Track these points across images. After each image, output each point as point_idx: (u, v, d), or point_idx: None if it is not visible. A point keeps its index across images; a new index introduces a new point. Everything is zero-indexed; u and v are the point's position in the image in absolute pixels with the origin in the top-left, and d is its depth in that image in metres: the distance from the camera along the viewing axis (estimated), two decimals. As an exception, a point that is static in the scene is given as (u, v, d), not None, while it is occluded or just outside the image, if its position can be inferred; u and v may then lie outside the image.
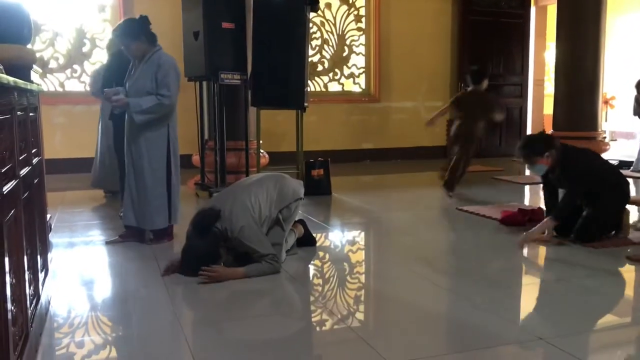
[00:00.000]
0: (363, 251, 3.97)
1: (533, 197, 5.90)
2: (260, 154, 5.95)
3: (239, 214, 3.07)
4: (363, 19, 8.56)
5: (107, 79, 4.36)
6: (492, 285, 3.02)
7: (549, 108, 10.42)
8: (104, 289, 3.06)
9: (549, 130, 7.93)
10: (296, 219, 3.54)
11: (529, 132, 10.02)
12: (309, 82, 7.76)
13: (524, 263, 3.65)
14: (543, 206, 4.13)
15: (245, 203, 3.14)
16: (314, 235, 3.78)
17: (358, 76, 8.65)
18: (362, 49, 8.61)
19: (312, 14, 6.90)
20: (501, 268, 3.36)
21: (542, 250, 3.94)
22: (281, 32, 5.26)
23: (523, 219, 4.19)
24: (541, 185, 4.05)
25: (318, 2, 5.50)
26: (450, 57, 8.79)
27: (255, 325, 2.49)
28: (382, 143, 8.58)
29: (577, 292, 2.92)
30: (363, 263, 3.66)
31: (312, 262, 3.50)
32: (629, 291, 3.10)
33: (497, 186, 6.28)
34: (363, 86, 8.66)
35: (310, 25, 8.04)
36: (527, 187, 6.31)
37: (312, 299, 2.92)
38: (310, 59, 8.03)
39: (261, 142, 6.18)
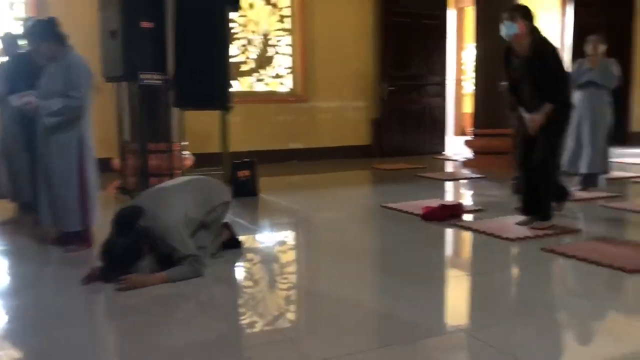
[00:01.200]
0: (291, 251, 3.97)
1: (454, 192, 6.09)
2: (185, 156, 5.84)
3: (164, 213, 3.00)
4: (287, 20, 8.56)
5: (13, 81, 4.17)
6: (416, 280, 3.09)
7: (468, 107, 10.82)
8: (15, 298, 2.91)
9: (469, 128, 8.23)
10: (222, 222, 3.51)
11: (449, 131, 10.36)
12: (234, 82, 7.69)
13: (446, 257, 3.76)
14: (463, 202, 4.27)
15: (170, 203, 3.08)
16: (241, 237, 3.75)
17: (284, 76, 8.65)
18: (287, 49, 8.61)
19: (235, 14, 6.84)
20: (424, 262, 3.44)
21: (466, 243, 4.09)
22: (202, 31, 5.17)
23: (444, 214, 4.32)
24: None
25: (238, 2, 5.46)
26: (374, 57, 8.94)
27: (180, 330, 2.44)
28: (309, 143, 8.62)
29: (498, 284, 3.04)
30: (291, 263, 3.66)
31: (239, 264, 3.46)
32: (548, 282, 3.26)
33: (420, 183, 6.43)
34: (289, 86, 8.67)
35: (234, 24, 8.00)
36: (448, 183, 6.51)
37: (240, 301, 2.90)
38: (234, 59, 7.96)
39: (187, 143, 6.06)
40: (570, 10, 9.99)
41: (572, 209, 4.83)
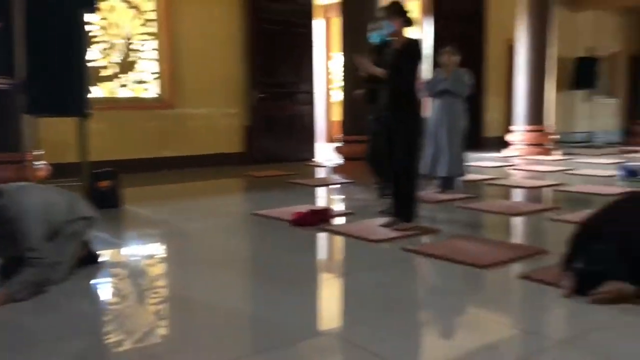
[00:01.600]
0: (161, 263, 3.81)
1: (325, 197, 6.21)
2: (39, 166, 5.43)
3: (24, 198, 2.76)
4: (153, 24, 8.28)
5: None
6: (288, 284, 3.10)
7: (336, 115, 11.09)
8: None
9: (339, 135, 8.44)
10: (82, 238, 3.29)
11: (320, 138, 10.57)
12: (94, 87, 7.31)
13: (316, 260, 3.81)
14: (332, 206, 4.34)
15: (32, 193, 2.85)
16: (103, 251, 3.54)
17: (149, 82, 8.34)
18: (153, 54, 8.32)
19: (94, 16, 6.51)
20: (295, 267, 3.46)
21: (334, 247, 4.16)
22: (57, 33, 4.85)
23: (314, 219, 4.38)
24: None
25: (93, 3, 5.18)
26: (243, 63, 8.90)
27: (36, 356, 2.24)
28: (180, 151, 8.39)
29: (365, 285, 3.12)
30: (161, 276, 3.51)
31: (102, 280, 3.26)
32: (410, 281, 3.40)
33: (292, 189, 6.49)
34: (156, 92, 8.38)
35: (94, 27, 7.59)
36: (319, 189, 6.62)
37: (105, 318, 2.72)
38: (93, 63, 7.56)
39: (42, 152, 5.65)
40: (428, 22, 10.61)
41: (432, 210, 5.11)
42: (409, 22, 4.16)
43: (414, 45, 4.11)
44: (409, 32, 4.30)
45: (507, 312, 2.80)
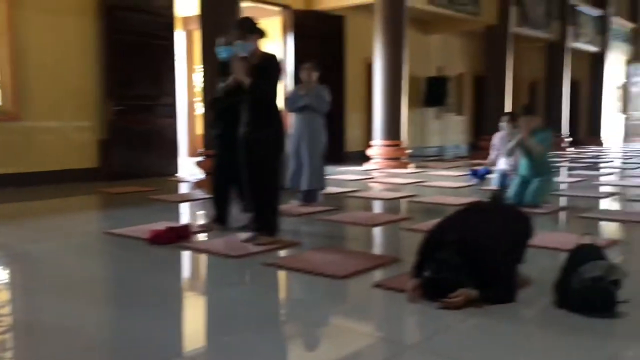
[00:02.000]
0: (3, 291, 3.46)
1: (187, 213, 6.04)
2: None
3: None
4: (-6, 29, 7.60)
5: None
6: (147, 305, 2.95)
7: (200, 128, 10.88)
8: None
9: (201, 149, 8.28)
10: None
11: (182, 152, 10.31)
12: None
13: (175, 279, 3.67)
14: (191, 223, 4.21)
15: None
16: None
17: (-9, 92, 7.64)
18: (-6, 63, 7.63)
19: None
20: (154, 287, 3.30)
21: (194, 264, 4.04)
22: None
23: (172, 237, 4.23)
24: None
25: None
26: (98, 75, 8.45)
27: None
28: (27, 167, 7.74)
29: (227, 301, 3.05)
30: (4, 303, 3.18)
31: None
32: (273, 295, 3.38)
33: (151, 206, 6.23)
34: (-2, 104, 7.69)
35: None
36: (181, 205, 6.43)
37: None
38: None
39: None
40: (290, 40, 10.80)
41: (294, 223, 5.15)
42: (262, 34, 4.18)
43: (273, 60, 4.14)
44: (269, 46, 4.34)
45: (365, 320, 2.87)
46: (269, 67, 4.11)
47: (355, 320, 2.86)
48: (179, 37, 10.63)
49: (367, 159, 10.77)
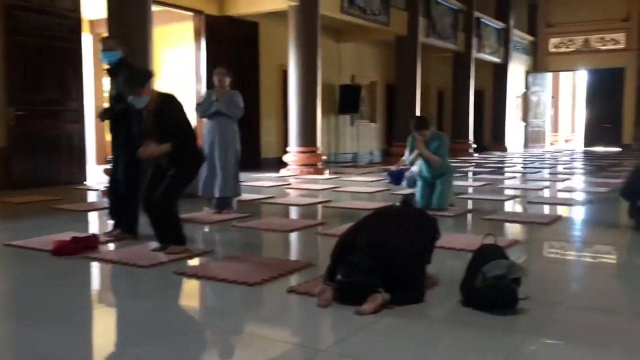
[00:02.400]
0: None
1: (94, 223, 5.80)
2: None
3: None
4: None
5: None
6: (52, 319, 2.79)
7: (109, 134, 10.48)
8: None
9: (109, 156, 7.98)
10: None
11: (90, 159, 9.90)
12: None
13: (81, 291, 3.50)
14: (98, 233, 4.06)
15: None
16: None
17: None
18: None
19: None
20: (59, 300, 3.13)
21: (101, 275, 3.89)
22: None
23: (77, 248, 4.04)
24: None
25: None
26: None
27: None
28: None
29: (137, 312, 2.95)
30: None
31: None
32: (184, 304, 3.30)
33: (56, 216, 5.94)
34: None
35: None
36: (90, 214, 6.17)
37: None
38: None
39: None
40: (201, 46, 10.65)
41: (208, 231, 5.07)
42: (150, 76, 4.07)
43: (170, 100, 4.05)
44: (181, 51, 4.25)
45: (279, 327, 2.86)
46: (169, 110, 4.01)
47: (269, 326, 2.85)
48: (87, 41, 10.22)
49: (283, 165, 10.79)
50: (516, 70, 19.94)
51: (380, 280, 2.87)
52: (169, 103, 4.03)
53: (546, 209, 6.76)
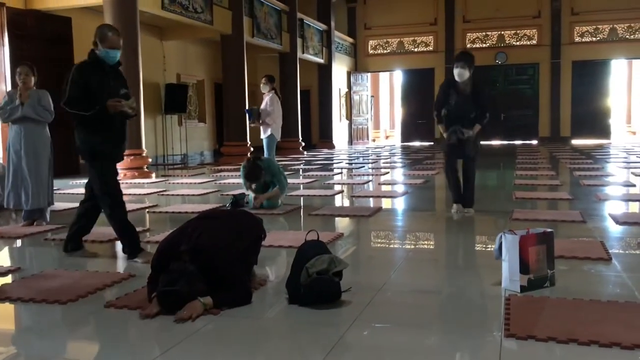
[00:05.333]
0: None
1: None
2: None
3: None
4: None
5: None
6: None
7: None
8: None
9: None
10: None
11: None
12: None
13: None
14: None
15: None
16: None
17: None
18: None
19: None
20: None
21: None
22: None
23: None
24: None
25: None
26: None
27: None
28: None
29: None
30: None
31: None
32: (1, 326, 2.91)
33: None
34: None
35: None
36: None
37: None
38: None
39: None
40: (6, 40, 9.64)
41: (18, 246, 4.58)
42: None
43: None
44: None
45: (101, 344, 2.64)
46: None
47: (88, 345, 2.62)
48: None
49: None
50: (339, 71, 20.82)
51: (204, 285, 2.77)
52: None
53: (370, 202, 7.11)
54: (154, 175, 10.30)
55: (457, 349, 2.45)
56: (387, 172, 10.72)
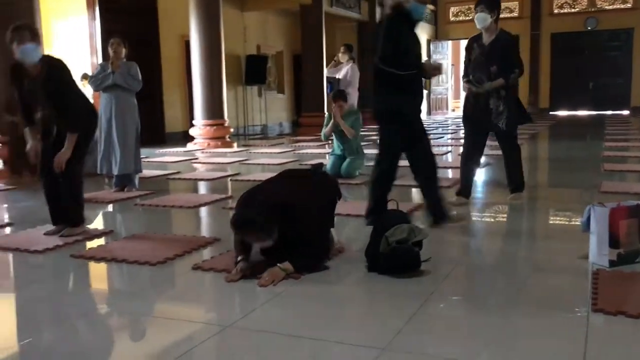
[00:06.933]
0: None
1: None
2: None
3: None
4: None
5: None
6: None
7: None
8: None
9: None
10: None
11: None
12: None
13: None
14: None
15: None
16: None
17: None
18: None
19: None
20: None
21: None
22: None
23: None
24: None
25: None
26: None
27: None
28: None
29: (39, 299, 2.76)
30: None
31: None
32: (86, 288, 3.13)
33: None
34: None
35: None
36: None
37: None
38: None
39: None
40: (94, 17, 10.06)
41: (109, 211, 4.84)
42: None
43: (57, 68, 3.73)
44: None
45: (186, 305, 2.77)
46: (59, 80, 3.70)
47: (175, 306, 2.76)
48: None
49: (190, 139, 10.50)
50: (420, 39, 20.37)
51: (276, 234, 2.87)
52: (58, 69, 3.72)
53: (449, 173, 6.98)
54: (235, 145, 10.55)
55: (540, 324, 2.39)
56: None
